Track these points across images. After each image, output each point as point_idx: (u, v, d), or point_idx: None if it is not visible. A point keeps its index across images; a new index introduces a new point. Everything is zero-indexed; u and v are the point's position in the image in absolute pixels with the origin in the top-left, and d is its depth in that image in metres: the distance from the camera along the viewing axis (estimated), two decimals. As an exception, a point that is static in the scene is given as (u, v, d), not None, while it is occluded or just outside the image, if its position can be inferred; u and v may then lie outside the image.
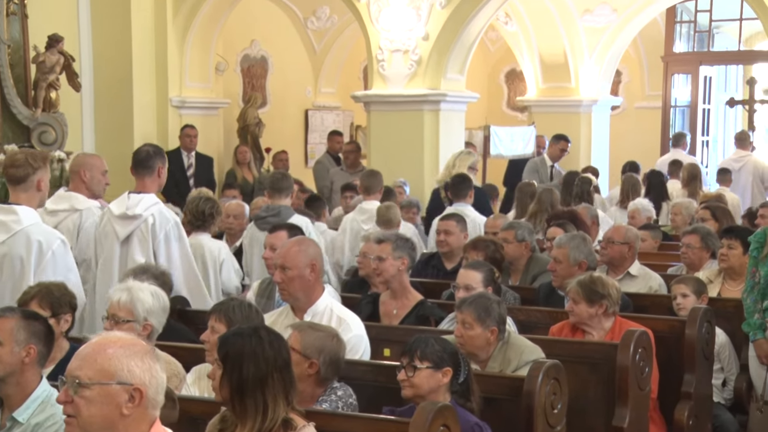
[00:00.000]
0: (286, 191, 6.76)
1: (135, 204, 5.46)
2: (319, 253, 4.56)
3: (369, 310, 5.38)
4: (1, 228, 4.87)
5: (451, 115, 10.33)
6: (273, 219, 6.56)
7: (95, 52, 10.47)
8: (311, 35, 14.06)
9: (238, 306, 4.06)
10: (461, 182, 7.96)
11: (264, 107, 13.26)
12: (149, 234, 5.44)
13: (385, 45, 10.18)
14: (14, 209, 4.87)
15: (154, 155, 5.56)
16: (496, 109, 16.40)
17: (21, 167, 4.90)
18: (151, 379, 2.60)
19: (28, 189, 4.92)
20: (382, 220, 7.32)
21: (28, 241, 4.83)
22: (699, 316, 4.96)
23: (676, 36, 14.45)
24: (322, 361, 3.71)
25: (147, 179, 5.54)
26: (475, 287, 4.98)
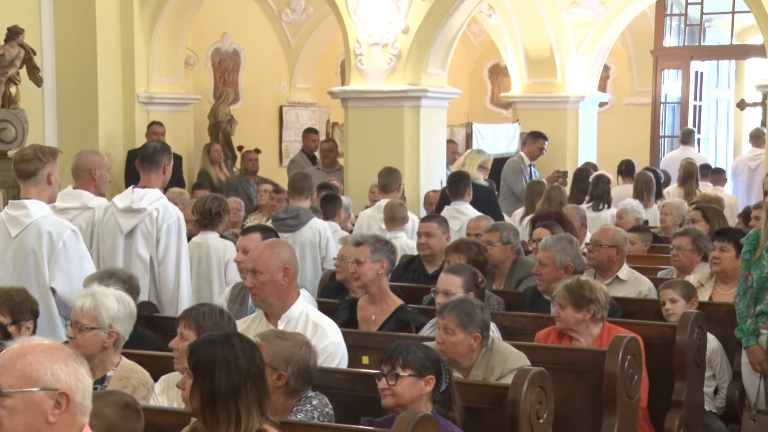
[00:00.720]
0: (306, 192, 7.11)
1: (139, 198, 5.68)
2: (292, 256, 4.55)
3: (346, 315, 5.38)
4: (13, 223, 5.09)
5: (433, 111, 10.34)
6: (292, 221, 6.92)
7: (58, 45, 10.42)
8: (286, 28, 14.04)
9: (208, 312, 4.05)
10: (458, 180, 8.04)
11: (236, 103, 13.23)
12: (153, 228, 5.66)
13: (363, 38, 10.18)
14: (24, 204, 5.09)
15: (161, 151, 5.76)
16: (479, 105, 16.44)
17: (30, 161, 5.08)
18: (78, 383, 2.55)
19: (39, 183, 5.11)
20: (388, 216, 7.48)
21: (39, 233, 5.03)
22: (690, 322, 4.99)
23: (666, 30, 14.53)
24: (291, 372, 3.70)
25: (152, 175, 5.75)
26: (455, 292, 5.00)
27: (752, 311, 5.24)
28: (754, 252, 5.23)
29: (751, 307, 5.25)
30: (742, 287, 5.29)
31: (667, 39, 14.61)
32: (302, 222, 7.02)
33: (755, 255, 5.22)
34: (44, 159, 5.12)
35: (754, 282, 5.22)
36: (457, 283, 5.05)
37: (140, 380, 4.15)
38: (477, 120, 12.95)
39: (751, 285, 5.24)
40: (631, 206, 8.75)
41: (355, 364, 4.66)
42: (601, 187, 9.47)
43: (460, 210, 7.88)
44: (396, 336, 4.85)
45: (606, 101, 14.89)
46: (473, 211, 7.85)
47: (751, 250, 5.24)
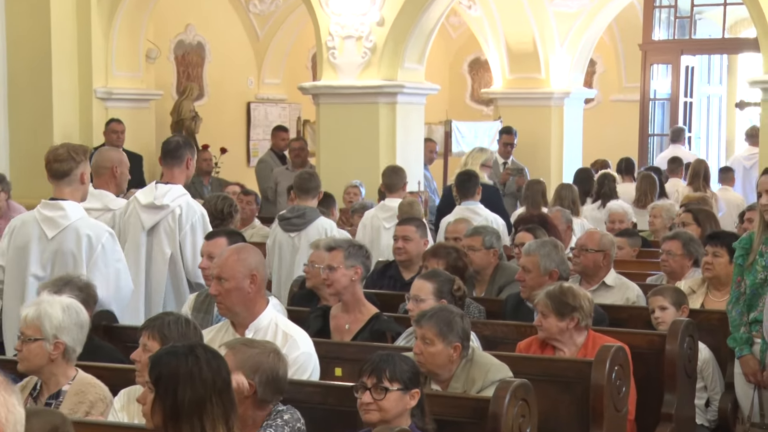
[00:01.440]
0: (313, 192, 7.33)
1: (163, 194, 5.88)
2: (260, 262, 4.54)
3: (318, 324, 5.37)
4: (50, 224, 5.30)
5: (409, 108, 10.36)
6: (298, 220, 7.17)
7: (9, 36, 10.35)
8: (253, 19, 14.02)
9: (174, 322, 4.03)
10: (467, 180, 8.23)
11: (201, 99, 13.20)
12: (176, 225, 5.86)
13: (336, 31, 10.18)
14: (61, 205, 5.29)
15: (183, 146, 5.99)
16: (459, 102, 16.48)
17: (64, 161, 5.29)
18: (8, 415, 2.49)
19: (72, 183, 5.33)
20: (404, 216, 7.54)
21: (78, 236, 5.26)
22: (680, 330, 5.02)
23: (655, 22, 14.62)
24: (259, 382, 3.69)
25: (176, 170, 5.97)
26: (424, 299, 5.01)
27: (745, 319, 5.27)
28: (747, 257, 5.25)
29: (744, 315, 5.28)
30: (734, 294, 5.32)
31: (656, 32, 14.69)
32: (308, 221, 7.22)
33: (748, 260, 5.25)
34: (77, 158, 5.32)
35: (748, 288, 5.25)
36: (428, 289, 5.06)
37: (98, 395, 4.12)
38: (456, 117, 12.97)
39: (744, 291, 5.27)
40: (623, 208, 8.80)
41: (327, 376, 4.65)
42: (607, 186, 9.65)
43: (474, 210, 8.05)
44: (371, 346, 4.84)
45: (592, 97, 14.96)
46: (486, 211, 8.08)
47: (744, 254, 5.27)
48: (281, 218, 7.32)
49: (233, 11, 13.83)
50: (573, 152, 13.27)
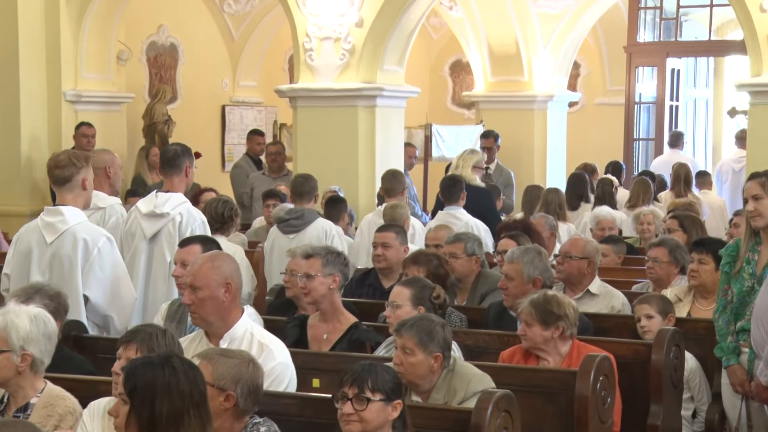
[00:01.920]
0: (308, 195, 7.59)
1: (163, 202, 6.11)
2: (235, 269, 4.54)
3: (295, 334, 5.37)
4: (49, 229, 5.52)
5: (389, 112, 10.37)
6: (296, 222, 7.41)
7: (-25, 37, 10.30)
8: (228, 20, 14.01)
9: (161, 335, 4.02)
10: (453, 185, 8.34)
11: (174, 102, 13.17)
12: (176, 232, 6.07)
13: (314, 32, 10.19)
14: (60, 210, 5.51)
15: (182, 154, 6.22)
16: (440, 105, 16.51)
17: (65, 168, 5.51)
18: None
19: (74, 189, 5.55)
20: (386, 220, 7.73)
21: (75, 240, 5.46)
22: (666, 340, 5.05)
23: (640, 24, 14.69)
24: (240, 392, 3.69)
25: (175, 178, 6.20)
26: (401, 305, 5.03)
27: (732, 328, 5.29)
28: (734, 264, 5.26)
29: (731, 324, 5.30)
30: (721, 302, 5.34)
31: (642, 34, 14.77)
32: (307, 222, 7.44)
33: (735, 267, 5.26)
34: (78, 164, 5.53)
35: (735, 296, 5.27)
36: (405, 294, 5.08)
37: (67, 408, 4.11)
38: (437, 121, 12.98)
39: (731, 300, 5.28)
40: (610, 214, 8.83)
41: (305, 388, 4.65)
42: (603, 190, 9.82)
43: (455, 215, 8.14)
44: (349, 357, 4.85)
45: (576, 101, 15.00)
46: (468, 216, 8.15)
47: (731, 262, 5.28)
48: (279, 220, 7.51)
49: (207, 12, 13.81)
50: (557, 157, 13.30)
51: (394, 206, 7.95)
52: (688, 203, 8.89)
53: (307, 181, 7.69)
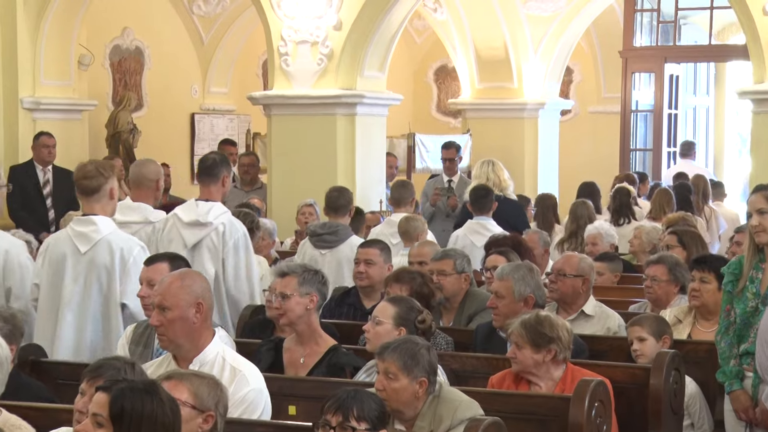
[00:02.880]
0: (343, 209, 7.88)
1: (206, 212, 6.46)
2: (206, 289, 4.53)
3: (270, 358, 5.36)
4: (83, 239, 5.80)
5: (370, 120, 10.39)
6: (330, 237, 7.69)
7: (-74, 41, 10.27)
8: (198, 22, 14.01)
9: (130, 369, 3.99)
10: (484, 195, 8.78)
11: (139, 110, 13.15)
12: (220, 243, 6.43)
13: (289, 35, 10.21)
14: (92, 220, 5.81)
15: (219, 163, 6.58)
16: (424, 113, 16.55)
17: (93, 178, 5.81)
18: None
19: (101, 199, 5.85)
20: (401, 232, 8.10)
21: (111, 249, 5.77)
22: (666, 363, 5.06)
23: (637, 27, 14.78)
24: (219, 413, 3.72)
25: (212, 187, 6.55)
26: (382, 321, 5.04)
27: (736, 351, 5.30)
28: (736, 283, 5.27)
29: (734, 347, 5.31)
30: (723, 323, 5.34)
31: (638, 38, 14.86)
32: (341, 238, 7.71)
33: (738, 286, 5.27)
34: (105, 174, 5.84)
35: (738, 317, 5.28)
36: (389, 312, 5.08)
37: (23, 438, 4.09)
38: (421, 130, 13.02)
39: (734, 321, 5.29)
40: (604, 230, 8.86)
41: (280, 416, 4.64)
42: (619, 200, 9.97)
43: (485, 225, 8.55)
44: (328, 382, 4.85)
45: (569, 109, 15.08)
46: (498, 228, 8.49)
47: (734, 280, 5.28)
48: (312, 234, 7.80)
49: (175, 13, 13.81)
50: (548, 168, 13.35)
51: (408, 219, 8.21)
52: (681, 217, 8.91)
53: (342, 194, 7.95)
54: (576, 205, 9.43)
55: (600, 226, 9.01)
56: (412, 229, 8.01)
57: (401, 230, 8.10)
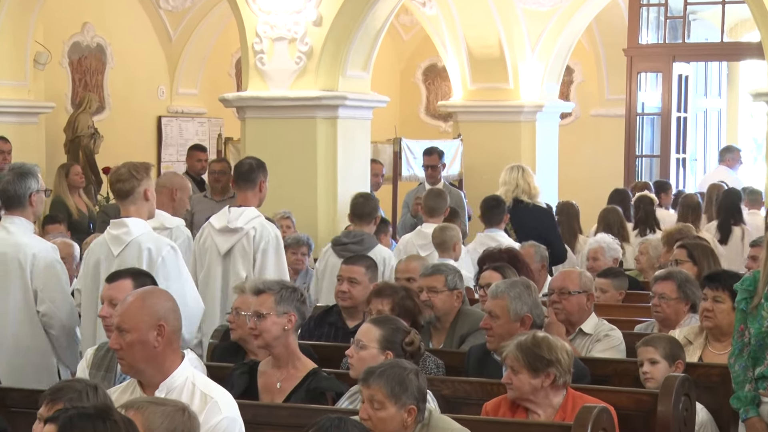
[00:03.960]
0: (368, 217, 8.23)
1: (236, 217, 7.08)
2: (171, 309, 4.51)
3: (244, 383, 5.36)
4: (115, 242, 6.22)
5: (353, 124, 10.39)
6: (355, 246, 7.93)
7: None
8: (165, 17, 14.00)
9: (92, 392, 3.98)
10: (496, 206, 8.96)
11: (101, 113, 13.13)
12: (251, 247, 7.03)
13: (265, 32, 10.20)
14: (125, 222, 6.23)
15: (257, 168, 7.21)
16: (411, 116, 16.56)
17: (126, 181, 6.23)
18: None
19: (136, 201, 6.25)
20: (436, 243, 8.33)
21: (139, 250, 6.14)
22: (675, 388, 5.06)
23: (643, 24, 14.83)
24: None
25: (249, 193, 7.18)
26: (367, 345, 5.04)
27: (750, 375, 5.30)
28: (750, 300, 5.28)
29: (749, 370, 5.31)
30: (737, 345, 5.34)
31: (644, 35, 14.91)
32: (366, 248, 7.92)
33: (752, 303, 5.27)
34: (139, 176, 6.24)
35: (752, 338, 5.29)
36: (373, 335, 5.08)
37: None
38: (408, 135, 13.03)
39: (748, 342, 5.30)
40: (607, 244, 8.87)
41: (255, 446, 4.64)
42: (643, 210, 10.23)
43: (494, 238, 8.69)
44: (307, 409, 4.84)
45: (569, 112, 15.11)
46: (509, 240, 8.70)
47: (748, 297, 5.28)
48: (336, 242, 8.13)
49: (140, 7, 13.80)
50: (547, 177, 13.34)
51: (444, 228, 8.42)
52: (681, 228, 8.93)
53: (368, 201, 8.31)
54: (607, 211, 9.69)
55: (602, 239, 9.03)
56: (449, 239, 8.25)
57: (437, 241, 8.33)
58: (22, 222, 6.30)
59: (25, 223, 6.32)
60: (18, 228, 6.28)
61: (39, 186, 6.38)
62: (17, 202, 6.29)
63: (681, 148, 14.90)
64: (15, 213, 6.30)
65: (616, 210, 9.77)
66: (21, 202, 6.29)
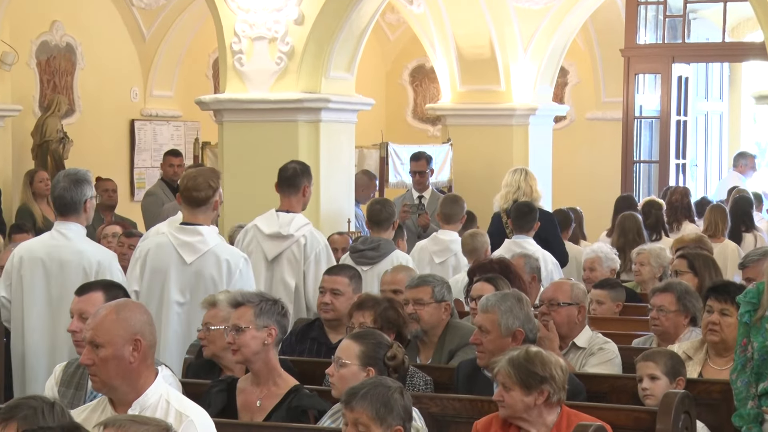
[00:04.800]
0: (385, 223, 8.44)
1: (287, 223, 7.47)
2: (146, 322, 4.51)
3: (222, 401, 5.35)
4: (189, 249, 6.58)
5: (336, 128, 10.39)
6: (371, 253, 8.21)
7: None
8: (138, 15, 13.99)
9: (48, 409, 3.96)
10: (528, 212, 9.21)
11: (71, 116, 13.11)
12: (301, 255, 7.41)
13: (244, 30, 10.20)
14: (199, 230, 6.60)
15: (301, 173, 7.61)
16: (398, 119, 16.58)
17: (203, 190, 6.61)
18: None
19: (208, 210, 6.67)
20: (467, 249, 8.73)
21: (218, 261, 6.58)
22: (674, 405, 5.07)
23: (641, 23, 14.86)
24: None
25: (293, 198, 7.59)
26: (347, 363, 5.04)
27: (753, 391, 5.32)
28: (754, 313, 5.29)
29: (751, 386, 5.32)
30: (740, 360, 5.35)
31: (642, 35, 14.94)
32: (383, 254, 8.21)
33: (756, 315, 5.28)
34: (214, 185, 6.65)
35: (755, 352, 5.30)
36: (353, 351, 5.08)
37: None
38: (395, 139, 13.05)
39: (751, 357, 5.31)
40: (604, 254, 8.88)
41: (233, 468, 4.64)
42: (654, 215, 10.41)
43: (521, 245, 8.91)
44: (288, 428, 4.84)
45: (564, 115, 15.14)
46: (537, 248, 8.93)
47: (751, 310, 5.30)
48: (353, 250, 8.37)
49: (112, 5, 13.79)
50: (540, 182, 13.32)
51: (474, 234, 8.86)
52: (697, 239, 8.95)
53: (384, 208, 8.51)
54: (624, 217, 9.86)
55: (599, 248, 9.05)
56: (480, 245, 8.66)
57: (468, 248, 8.71)
58: (78, 228, 6.61)
59: (81, 230, 6.62)
60: (76, 234, 6.60)
61: (92, 192, 6.74)
62: (72, 208, 6.59)
63: (681, 154, 14.92)
64: (70, 219, 6.59)
65: (634, 216, 9.96)
66: (76, 208, 6.59)
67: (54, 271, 6.54)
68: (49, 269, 6.55)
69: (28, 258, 6.60)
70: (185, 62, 14.43)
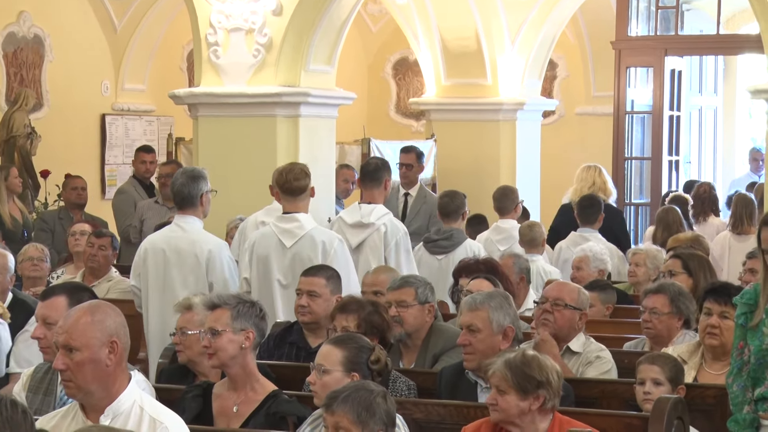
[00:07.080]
0: (455, 214, 9.19)
1: (368, 213, 8.36)
2: (122, 324, 4.51)
3: (197, 407, 5.35)
4: (287, 235, 7.58)
5: (316, 123, 10.39)
6: (445, 243, 9.02)
7: None
8: (109, 6, 13.97)
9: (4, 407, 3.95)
10: (590, 205, 9.87)
11: (39, 110, 13.08)
12: (381, 242, 8.26)
13: (220, 21, 10.19)
14: (296, 217, 7.60)
15: (382, 167, 8.53)
16: (380, 114, 16.58)
17: (301, 180, 7.60)
18: None
19: (306, 198, 7.65)
20: (525, 240, 9.40)
21: (314, 243, 7.52)
22: (667, 411, 5.08)
23: (632, 14, 14.88)
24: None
25: (375, 191, 8.47)
26: (329, 370, 5.04)
27: (750, 396, 5.32)
28: (751, 315, 5.30)
29: (748, 390, 5.32)
30: (736, 363, 5.35)
31: (633, 27, 14.96)
32: (456, 243, 8.98)
33: (753, 319, 5.29)
34: (308, 174, 7.68)
35: (752, 356, 5.31)
36: (335, 357, 5.08)
37: None
38: (377, 135, 13.05)
39: (747, 360, 5.32)
40: (593, 254, 8.88)
41: (209, 476, 4.65)
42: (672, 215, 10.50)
43: (587, 237, 9.59)
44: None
45: (552, 110, 15.16)
46: (603, 241, 9.57)
47: (748, 312, 5.30)
48: (427, 240, 9.17)
49: (82, -6, 13.78)
50: (528, 180, 13.38)
51: (532, 225, 9.57)
52: (693, 238, 8.96)
53: (453, 199, 9.22)
54: (665, 211, 10.15)
55: (588, 248, 9.05)
56: (538, 236, 9.35)
57: (526, 239, 9.37)
58: (195, 221, 7.51)
59: (198, 222, 7.53)
60: (192, 226, 7.50)
61: (208, 187, 7.58)
62: (190, 202, 7.50)
63: (674, 150, 14.93)
64: (188, 212, 7.52)
65: (674, 210, 10.17)
66: (193, 202, 7.50)
67: (172, 259, 7.47)
68: (169, 258, 7.48)
69: (152, 249, 7.56)
70: (158, 55, 14.41)
